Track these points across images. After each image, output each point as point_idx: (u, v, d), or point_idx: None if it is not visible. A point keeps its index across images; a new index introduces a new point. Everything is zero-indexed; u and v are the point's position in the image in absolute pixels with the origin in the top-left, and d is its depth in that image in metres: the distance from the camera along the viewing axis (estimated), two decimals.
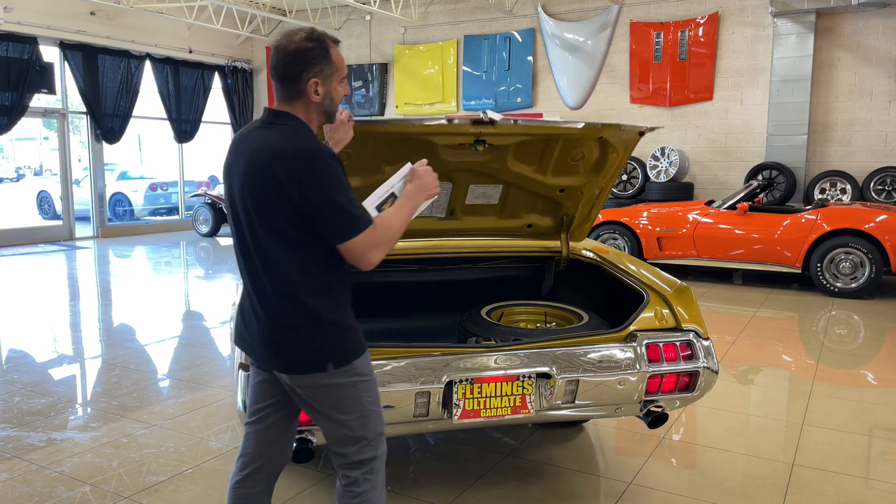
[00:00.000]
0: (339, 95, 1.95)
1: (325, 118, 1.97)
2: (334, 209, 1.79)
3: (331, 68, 1.90)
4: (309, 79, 1.88)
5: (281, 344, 1.91)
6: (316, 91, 1.89)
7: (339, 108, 2.01)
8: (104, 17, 12.06)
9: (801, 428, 3.77)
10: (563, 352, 2.55)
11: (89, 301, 7.09)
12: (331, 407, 1.94)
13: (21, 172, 23.46)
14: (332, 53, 1.90)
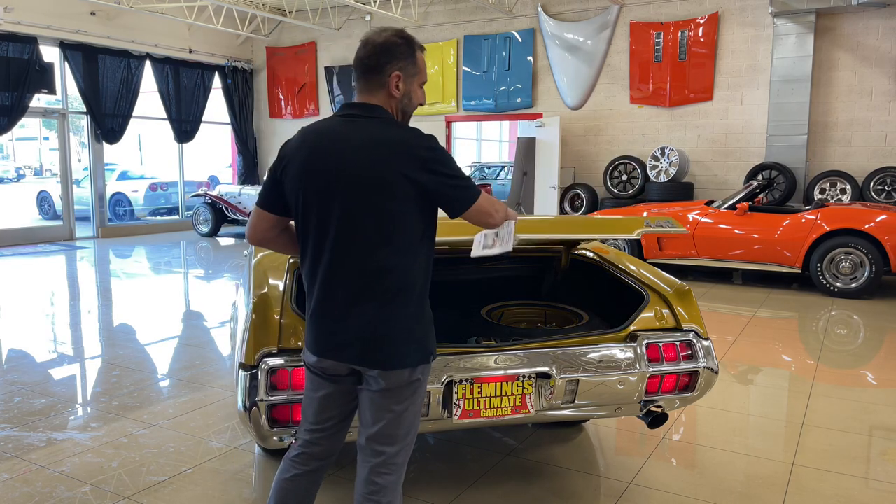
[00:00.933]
0: (416, 98, 1.99)
1: (402, 117, 1.99)
2: (459, 174, 1.89)
3: (414, 68, 1.95)
4: (392, 72, 1.91)
5: (385, 339, 1.89)
6: (397, 86, 1.92)
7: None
8: (104, 17, 12.07)
9: (801, 428, 3.77)
10: (563, 352, 2.55)
11: (89, 301, 7.09)
12: (400, 402, 1.93)
13: (21, 172, 23.48)
14: (417, 55, 1.96)
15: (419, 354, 1.92)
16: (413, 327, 1.91)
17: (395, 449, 1.95)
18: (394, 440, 1.94)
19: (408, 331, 1.90)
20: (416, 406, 1.97)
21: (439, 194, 1.87)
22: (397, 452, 1.95)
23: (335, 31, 13.65)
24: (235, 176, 15.56)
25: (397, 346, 1.89)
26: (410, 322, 1.90)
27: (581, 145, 11.73)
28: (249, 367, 2.32)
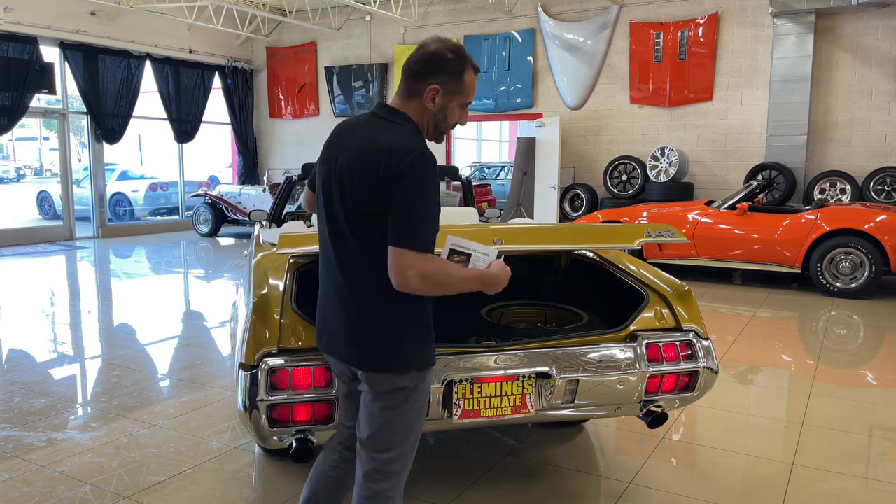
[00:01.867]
0: (453, 117, 1.92)
1: (433, 132, 1.93)
2: (415, 212, 1.74)
3: (458, 86, 1.88)
4: (431, 83, 1.86)
5: (367, 341, 1.88)
6: (433, 99, 1.87)
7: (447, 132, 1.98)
8: (104, 17, 12.07)
9: (801, 428, 3.77)
10: (563, 352, 2.55)
11: (89, 301, 7.09)
12: (390, 408, 1.90)
13: (21, 172, 23.48)
14: (466, 75, 1.88)
15: (403, 360, 1.87)
16: (398, 332, 1.87)
17: (388, 456, 1.93)
18: (386, 447, 1.93)
19: (392, 335, 1.87)
20: (409, 416, 1.92)
21: (390, 212, 1.76)
22: (391, 460, 1.93)
23: (335, 31, 13.65)
24: (235, 176, 15.57)
25: (380, 350, 1.87)
26: (395, 327, 1.87)
27: (581, 145, 11.73)
28: (249, 367, 2.32)
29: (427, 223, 1.76)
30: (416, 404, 1.94)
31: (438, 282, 1.77)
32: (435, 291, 1.79)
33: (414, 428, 1.95)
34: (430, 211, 1.77)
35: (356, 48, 13.69)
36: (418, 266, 1.73)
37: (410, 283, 1.75)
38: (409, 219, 1.74)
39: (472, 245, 1.87)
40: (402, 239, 1.74)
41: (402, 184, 1.74)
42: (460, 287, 1.82)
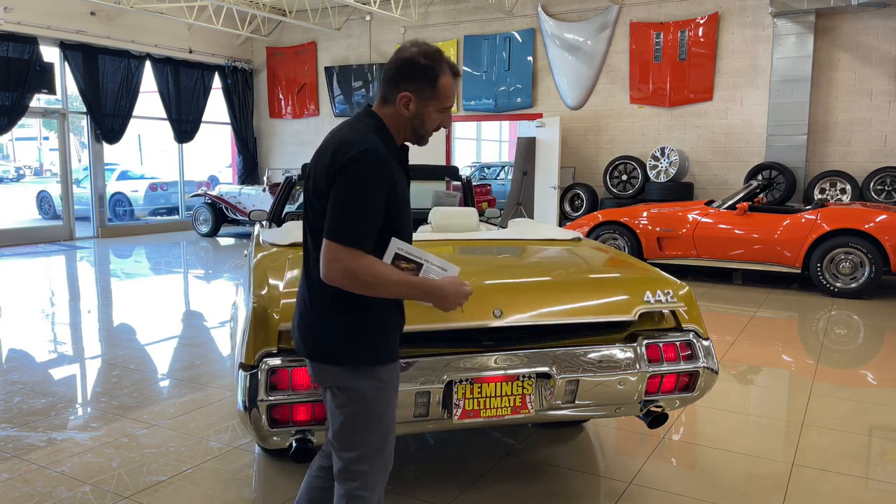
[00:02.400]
0: (432, 122, 1.90)
1: (412, 137, 1.92)
2: (344, 207, 1.75)
3: (432, 92, 1.85)
4: (403, 90, 1.85)
5: (314, 330, 1.90)
6: (406, 106, 1.86)
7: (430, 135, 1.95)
8: (104, 17, 12.07)
9: (801, 428, 3.77)
10: (563, 352, 2.55)
11: (89, 301, 7.09)
12: (344, 405, 1.89)
13: (21, 172, 23.48)
14: (440, 80, 1.85)
15: (341, 353, 1.86)
16: (342, 326, 1.86)
17: (352, 456, 1.90)
18: (348, 446, 1.91)
19: (336, 327, 1.87)
20: (367, 415, 1.89)
21: (328, 205, 1.77)
22: (355, 460, 1.90)
23: (335, 31, 13.65)
24: (235, 176, 15.57)
25: (323, 341, 1.88)
26: (340, 321, 1.86)
27: (581, 145, 11.73)
28: (249, 367, 2.32)
29: (360, 219, 1.74)
30: (372, 403, 1.89)
31: (364, 280, 1.74)
32: (361, 290, 1.77)
33: (376, 428, 1.90)
34: (364, 207, 1.75)
35: (356, 48, 13.69)
36: (344, 260, 1.73)
37: (335, 276, 1.75)
38: (341, 212, 1.74)
39: (425, 255, 1.85)
40: (333, 232, 1.74)
41: (341, 177, 1.75)
42: (394, 291, 1.80)
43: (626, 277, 2.84)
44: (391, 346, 1.93)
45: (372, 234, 1.77)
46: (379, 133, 1.85)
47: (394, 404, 1.95)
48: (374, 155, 1.77)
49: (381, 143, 1.82)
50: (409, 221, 1.93)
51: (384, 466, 1.95)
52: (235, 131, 14.85)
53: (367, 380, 1.88)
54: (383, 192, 1.78)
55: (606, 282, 2.79)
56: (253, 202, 12.13)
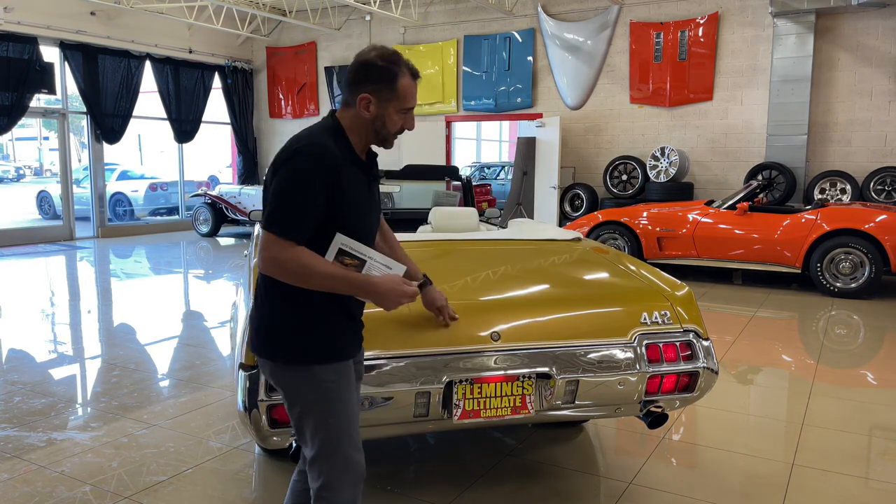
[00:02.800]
0: (394, 124, 1.91)
1: (376, 139, 1.94)
2: (278, 197, 1.79)
3: (391, 93, 1.87)
4: (362, 92, 1.87)
5: (256, 325, 1.95)
6: (366, 108, 1.88)
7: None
8: (104, 17, 12.07)
9: (801, 428, 3.77)
10: (563, 352, 2.55)
11: (89, 301, 7.09)
12: (289, 400, 1.93)
13: (21, 172, 23.48)
14: (399, 82, 1.87)
15: (271, 347, 1.90)
16: (282, 323, 1.89)
17: (310, 453, 1.92)
18: (303, 442, 1.94)
19: (274, 324, 1.90)
20: (309, 414, 1.90)
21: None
22: (313, 458, 1.92)
23: (335, 31, 13.65)
24: (235, 176, 15.57)
25: (263, 336, 1.92)
26: (284, 319, 1.89)
27: (581, 145, 11.73)
28: (249, 367, 2.32)
29: (292, 211, 1.77)
30: (314, 403, 1.90)
31: (292, 271, 1.78)
32: (292, 280, 1.80)
33: (324, 428, 1.90)
34: (297, 200, 1.77)
35: (356, 48, 13.67)
36: (274, 251, 1.77)
37: (266, 265, 1.80)
38: (274, 204, 1.79)
39: (369, 253, 1.87)
40: (266, 222, 1.79)
41: (279, 172, 1.81)
42: (326, 284, 1.81)
43: (624, 296, 2.81)
44: (333, 347, 1.92)
45: (305, 226, 1.79)
46: (332, 133, 1.88)
47: (345, 405, 1.93)
48: (313, 149, 1.80)
49: (331, 143, 1.85)
50: (363, 222, 1.94)
51: (345, 468, 1.92)
52: (235, 131, 14.85)
53: (301, 377, 1.90)
54: (320, 187, 1.79)
55: (604, 300, 2.78)
56: (253, 202, 12.13)
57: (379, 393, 2.36)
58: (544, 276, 2.97)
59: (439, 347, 2.45)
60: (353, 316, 1.98)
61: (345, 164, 1.85)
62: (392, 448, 3.43)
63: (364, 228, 1.95)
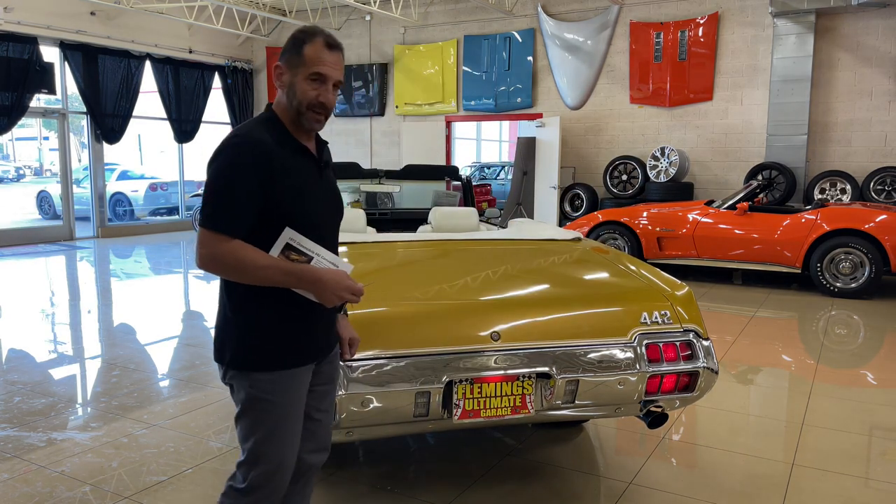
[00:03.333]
0: (304, 94, 1.82)
1: (297, 117, 1.85)
2: (209, 192, 1.76)
3: (298, 59, 1.81)
4: (277, 65, 1.86)
5: (215, 327, 1.94)
6: (279, 77, 1.85)
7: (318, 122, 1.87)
8: (104, 17, 12.07)
9: (801, 428, 3.77)
10: (563, 352, 2.55)
11: (89, 301, 7.09)
12: (236, 403, 1.91)
13: (21, 172, 23.47)
14: (307, 47, 1.81)
15: (223, 351, 1.88)
16: (231, 329, 1.87)
17: (241, 456, 1.90)
18: (239, 442, 1.91)
19: (224, 330, 1.89)
20: (245, 419, 1.87)
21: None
22: (241, 462, 1.90)
23: (335, 31, 13.64)
24: None
25: (215, 340, 1.91)
26: (229, 323, 1.87)
27: (581, 145, 11.73)
28: None
29: (225, 204, 1.74)
30: (249, 409, 1.86)
31: (229, 265, 1.74)
32: (229, 275, 1.77)
33: (254, 435, 1.87)
34: (230, 193, 1.74)
35: (356, 48, 13.68)
36: (209, 245, 1.73)
37: (203, 262, 1.75)
38: (208, 198, 1.76)
39: (317, 249, 1.82)
40: (202, 217, 1.76)
41: (212, 165, 1.78)
42: (266, 276, 1.75)
43: (624, 296, 2.81)
44: (273, 355, 1.86)
45: (239, 220, 1.75)
46: (266, 124, 1.85)
47: (281, 417, 1.88)
48: (243, 140, 1.77)
49: (265, 133, 1.80)
50: (313, 209, 1.88)
51: (269, 479, 1.88)
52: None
53: (242, 383, 1.87)
54: (253, 178, 1.75)
55: (604, 300, 2.78)
56: None
57: (379, 393, 2.36)
58: (544, 276, 2.97)
59: (439, 347, 2.45)
60: (307, 321, 1.90)
61: (281, 153, 1.81)
62: (392, 448, 3.43)
63: (315, 217, 1.88)
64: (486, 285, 2.78)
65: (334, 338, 2.06)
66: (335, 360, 2.09)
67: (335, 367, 2.10)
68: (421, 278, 2.87)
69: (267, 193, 1.77)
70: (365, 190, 5.18)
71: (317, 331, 1.94)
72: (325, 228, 1.93)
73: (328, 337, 2.00)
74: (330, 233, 1.96)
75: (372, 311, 2.48)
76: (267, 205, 1.78)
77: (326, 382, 2.06)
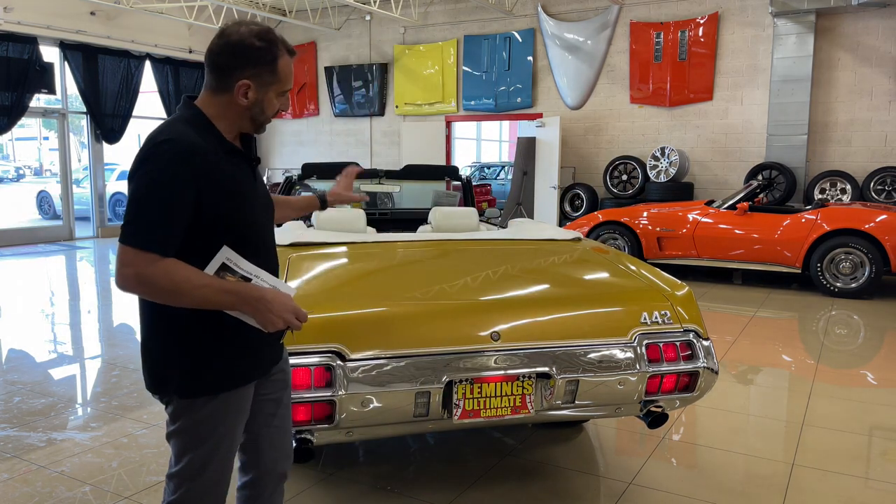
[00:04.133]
0: (272, 108, 1.72)
1: (251, 125, 1.74)
2: (133, 205, 1.56)
3: (272, 77, 1.68)
4: (241, 78, 1.66)
5: (143, 353, 1.77)
6: (245, 94, 1.67)
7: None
8: (104, 17, 12.07)
9: (801, 428, 3.77)
10: (563, 352, 2.55)
11: (89, 301, 7.09)
12: (169, 424, 1.77)
13: (21, 172, 23.47)
14: (279, 62, 1.68)
15: (167, 385, 1.71)
16: (165, 356, 1.70)
17: (173, 468, 1.77)
18: (171, 449, 1.78)
19: (159, 358, 1.72)
20: (186, 439, 1.73)
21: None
22: (173, 474, 1.76)
23: (335, 31, 13.65)
24: None
25: (152, 369, 1.74)
26: (164, 350, 1.70)
27: (581, 145, 11.73)
28: None
29: (154, 218, 1.54)
30: (194, 431, 1.73)
31: (162, 287, 1.54)
32: (161, 298, 1.57)
33: (187, 451, 1.74)
34: (159, 205, 1.54)
35: (356, 48, 13.68)
36: (137, 265, 1.52)
37: (128, 283, 1.54)
38: (133, 212, 1.55)
39: (255, 270, 1.66)
40: (125, 234, 1.54)
41: (136, 174, 1.57)
42: (205, 297, 1.57)
43: (624, 296, 2.80)
44: (220, 378, 1.72)
45: (171, 235, 1.56)
46: (193, 124, 1.65)
47: (222, 440, 1.77)
48: (173, 145, 1.57)
49: (194, 135, 1.62)
50: (253, 213, 1.74)
51: (199, 496, 1.78)
52: None
53: (184, 409, 1.72)
54: (186, 188, 1.56)
55: (604, 300, 2.78)
56: None
57: (379, 393, 2.36)
58: (544, 276, 2.97)
59: (439, 347, 2.45)
60: (248, 338, 1.74)
61: (215, 156, 1.64)
62: (392, 448, 3.43)
63: (254, 223, 1.75)
64: (486, 285, 2.78)
65: (281, 349, 1.94)
66: (286, 366, 1.98)
67: (287, 373, 1.99)
68: (421, 278, 2.87)
69: (204, 204, 1.59)
70: (365, 190, 5.19)
71: (263, 346, 1.81)
72: (265, 232, 1.81)
73: (273, 349, 1.87)
74: (269, 236, 1.84)
75: (372, 311, 2.48)
76: (204, 217, 1.60)
77: (279, 389, 1.95)
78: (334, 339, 2.35)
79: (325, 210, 2.21)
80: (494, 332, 2.51)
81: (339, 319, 2.41)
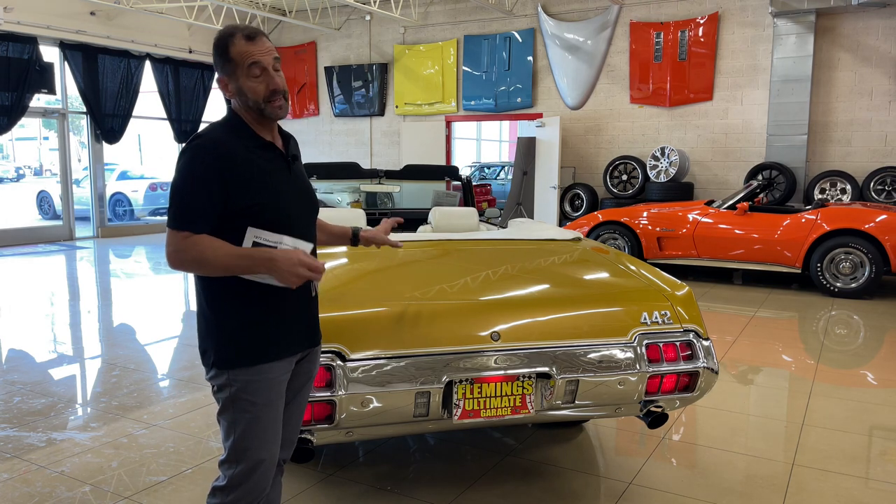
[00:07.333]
0: (254, 91, 1.83)
1: (257, 114, 1.87)
2: (171, 194, 1.81)
3: (231, 66, 1.83)
4: (219, 78, 1.88)
5: (197, 329, 1.97)
6: (226, 89, 1.87)
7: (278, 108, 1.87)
8: (104, 17, 12.07)
9: (801, 428, 3.77)
10: (563, 352, 2.55)
11: (89, 301, 7.09)
12: (217, 403, 1.93)
13: (21, 172, 23.47)
14: (230, 50, 1.82)
15: (208, 356, 1.90)
16: (211, 328, 1.89)
17: (223, 455, 1.92)
18: (222, 442, 1.93)
19: (204, 330, 1.92)
20: (230, 416, 1.88)
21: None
22: (223, 460, 1.91)
23: (335, 30, 13.65)
24: None
25: (200, 342, 1.95)
26: (208, 323, 1.90)
27: (581, 145, 11.73)
28: None
29: (186, 204, 1.77)
30: (234, 404, 1.88)
31: (193, 258, 1.77)
32: (193, 268, 1.80)
33: (231, 430, 1.89)
34: (190, 192, 1.77)
35: (356, 48, 13.68)
36: (173, 243, 1.78)
37: (169, 260, 1.80)
38: (171, 199, 1.80)
39: (278, 238, 1.83)
40: (168, 218, 1.80)
41: (176, 168, 1.82)
42: (229, 264, 1.78)
43: (624, 296, 2.80)
44: (255, 349, 1.87)
45: (201, 218, 1.78)
46: (227, 125, 1.88)
47: (262, 414, 1.89)
48: (202, 142, 1.80)
49: (224, 134, 1.84)
50: (284, 203, 1.88)
51: (247, 475, 1.90)
52: None
53: (223, 380, 1.88)
54: (213, 177, 1.77)
55: (604, 300, 2.78)
56: None
57: (379, 393, 2.36)
58: (544, 276, 2.97)
59: (439, 347, 2.45)
60: (284, 312, 1.91)
61: (245, 151, 1.83)
62: (392, 448, 3.43)
63: (287, 213, 1.89)
64: (486, 285, 2.78)
65: (317, 333, 2.06)
66: (315, 359, 2.09)
67: (314, 365, 2.10)
68: (421, 278, 2.87)
69: (231, 194, 1.79)
70: (365, 190, 5.19)
71: (297, 322, 1.96)
72: (300, 224, 1.94)
73: (309, 330, 2.01)
74: (305, 228, 1.96)
75: (372, 311, 2.48)
76: (233, 204, 1.79)
77: (304, 380, 2.07)
78: (334, 339, 2.35)
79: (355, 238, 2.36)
80: (494, 332, 2.51)
81: (339, 319, 2.41)
